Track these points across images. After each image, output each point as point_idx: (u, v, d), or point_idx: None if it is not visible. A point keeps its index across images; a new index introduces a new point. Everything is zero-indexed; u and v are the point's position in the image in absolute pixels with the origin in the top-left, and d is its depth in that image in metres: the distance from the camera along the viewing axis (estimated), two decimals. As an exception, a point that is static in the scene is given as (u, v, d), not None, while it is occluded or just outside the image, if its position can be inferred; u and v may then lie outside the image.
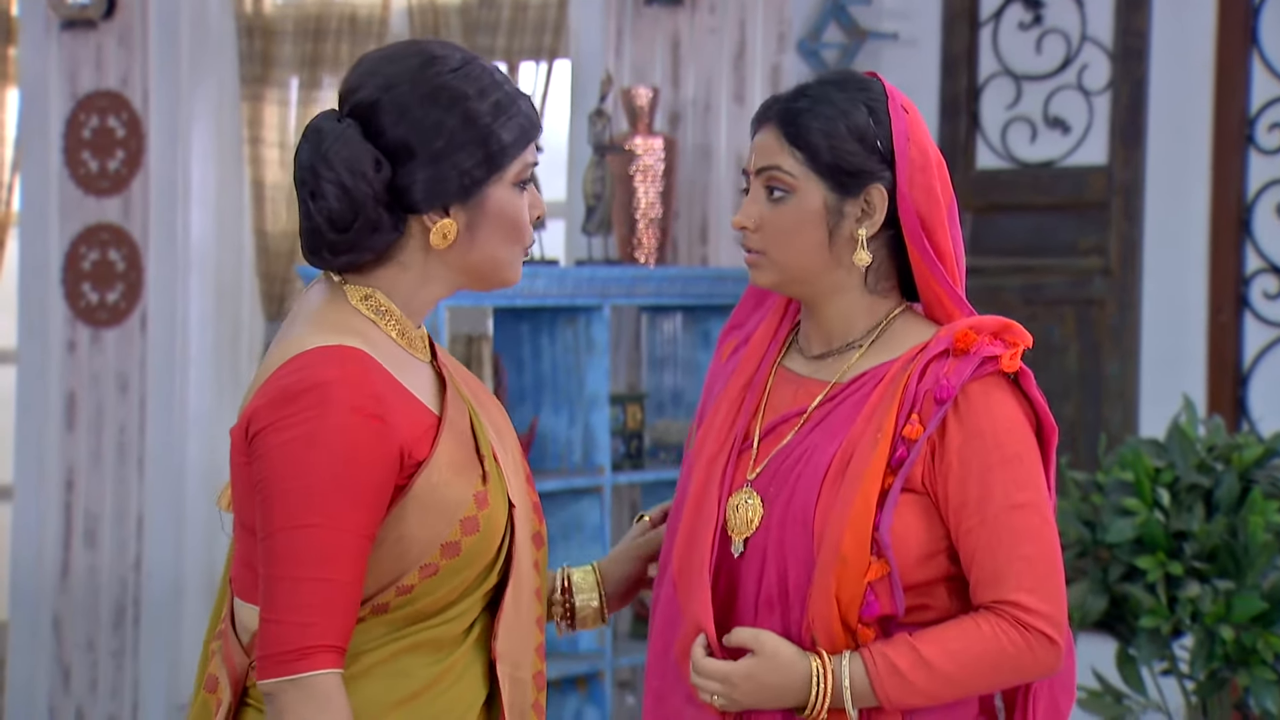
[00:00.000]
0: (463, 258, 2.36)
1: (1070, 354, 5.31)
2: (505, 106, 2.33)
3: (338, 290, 2.37)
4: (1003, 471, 2.43)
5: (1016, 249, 5.36)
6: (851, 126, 2.50)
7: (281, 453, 2.23)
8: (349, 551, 2.24)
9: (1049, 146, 5.35)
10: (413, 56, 2.35)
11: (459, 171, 2.31)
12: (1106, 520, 4.36)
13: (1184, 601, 4.28)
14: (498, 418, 2.46)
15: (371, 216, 2.31)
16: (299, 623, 2.22)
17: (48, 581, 6.19)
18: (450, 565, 2.31)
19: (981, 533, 2.42)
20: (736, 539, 2.51)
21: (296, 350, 2.28)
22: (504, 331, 5.11)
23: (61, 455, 6.20)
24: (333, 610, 2.23)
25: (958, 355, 2.45)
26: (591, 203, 5.18)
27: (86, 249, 6.16)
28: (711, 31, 5.51)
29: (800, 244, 2.51)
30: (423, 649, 2.33)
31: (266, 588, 2.24)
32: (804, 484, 2.48)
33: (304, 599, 2.22)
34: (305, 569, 2.22)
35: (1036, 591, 2.42)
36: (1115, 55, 5.27)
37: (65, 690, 6.19)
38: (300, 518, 2.22)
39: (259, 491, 2.26)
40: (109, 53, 6.15)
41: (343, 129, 2.32)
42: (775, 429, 2.55)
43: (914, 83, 5.36)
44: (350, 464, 2.23)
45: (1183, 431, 4.41)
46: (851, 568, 2.40)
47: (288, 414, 2.23)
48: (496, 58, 5.62)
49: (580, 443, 5.03)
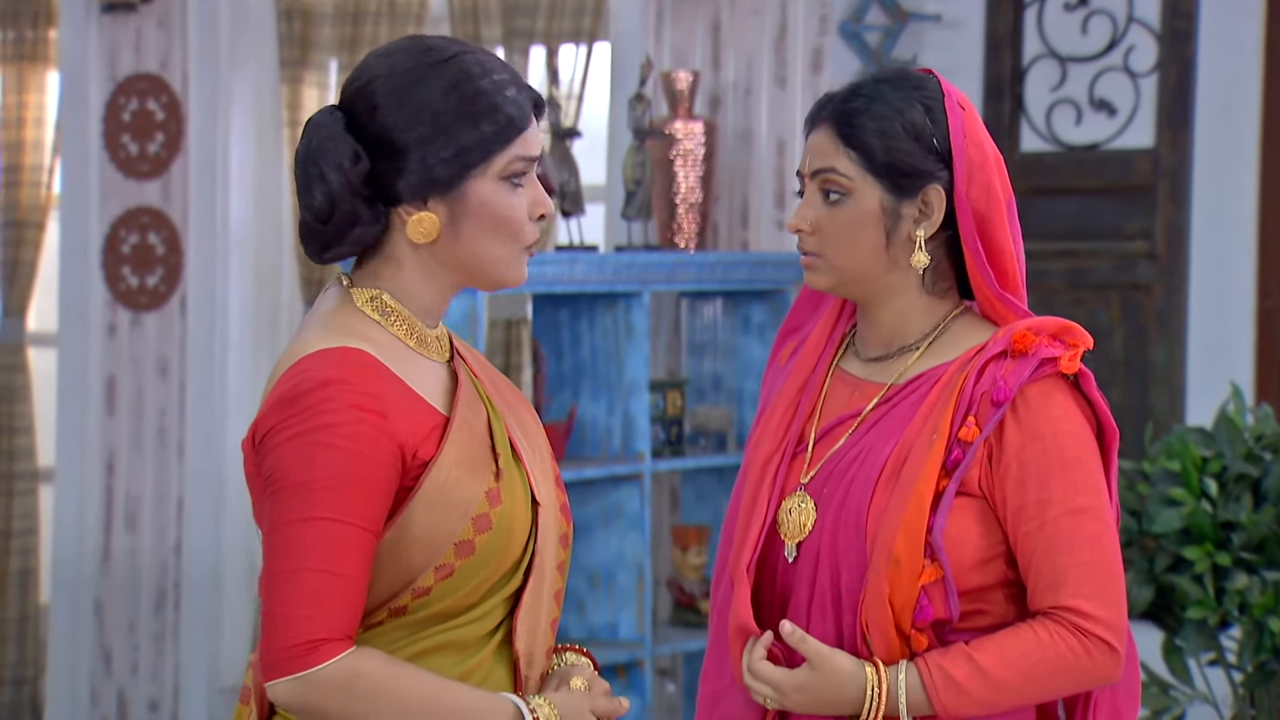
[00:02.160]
0: (450, 254, 2.34)
1: (1116, 340, 5.25)
2: (488, 96, 2.29)
3: (345, 294, 2.36)
4: (1062, 475, 2.39)
5: (1061, 233, 5.31)
6: (908, 126, 2.46)
7: (285, 451, 2.23)
8: (353, 545, 2.22)
9: (1094, 129, 5.29)
10: (405, 50, 2.33)
11: (436, 162, 2.29)
12: (1153, 510, 4.31)
13: (1231, 593, 4.23)
14: (526, 419, 2.44)
15: (348, 209, 2.30)
16: (305, 615, 2.20)
17: (89, 565, 6.19)
18: (466, 565, 2.29)
19: (1040, 537, 2.39)
20: (790, 543, 2.48)
21: (301, 355, 2.29)
22: (543, 318, 5.08)
23: (102, 439, 6.19)
24: (340, 603, 2.21)
25: (1016, 356, 2.42)
26: (631, 188, 5.14)
27: (126, 232, 6.16)
28: (753, 14, 5.46)
29: (857, 246, 2.47)
30: (446, 650, 2.31)
31: (268, 584, 2.22)
32: (858, 486, 2.44)
33: (309, 591, 2.20)
34: (311, 561, 2.20)
35: (1096, 598, 2.38)
36: (1162, 36, 5.20)
37: (107, 674, 6.19)
38: (305, 511, 2.21)
39: (267, 490, 2.25)
40: (148, 36, 6.13)
41: (328, 122, 2.31)
42: (831, 431, 2.52)
43: (957, 65, 5.31)
44: (353, 459, 2.22)
45: (1230, 420, 4.36)
46: (905, 571, 2.37)
47: (291, 414, 2.23)
48: (536, 41, 5.58)
49: (620, 429, 5.00)
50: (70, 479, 6.22)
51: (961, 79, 5.30)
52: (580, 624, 5.05)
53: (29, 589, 6.41)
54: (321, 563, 2.20)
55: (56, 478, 6.29)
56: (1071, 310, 5.25)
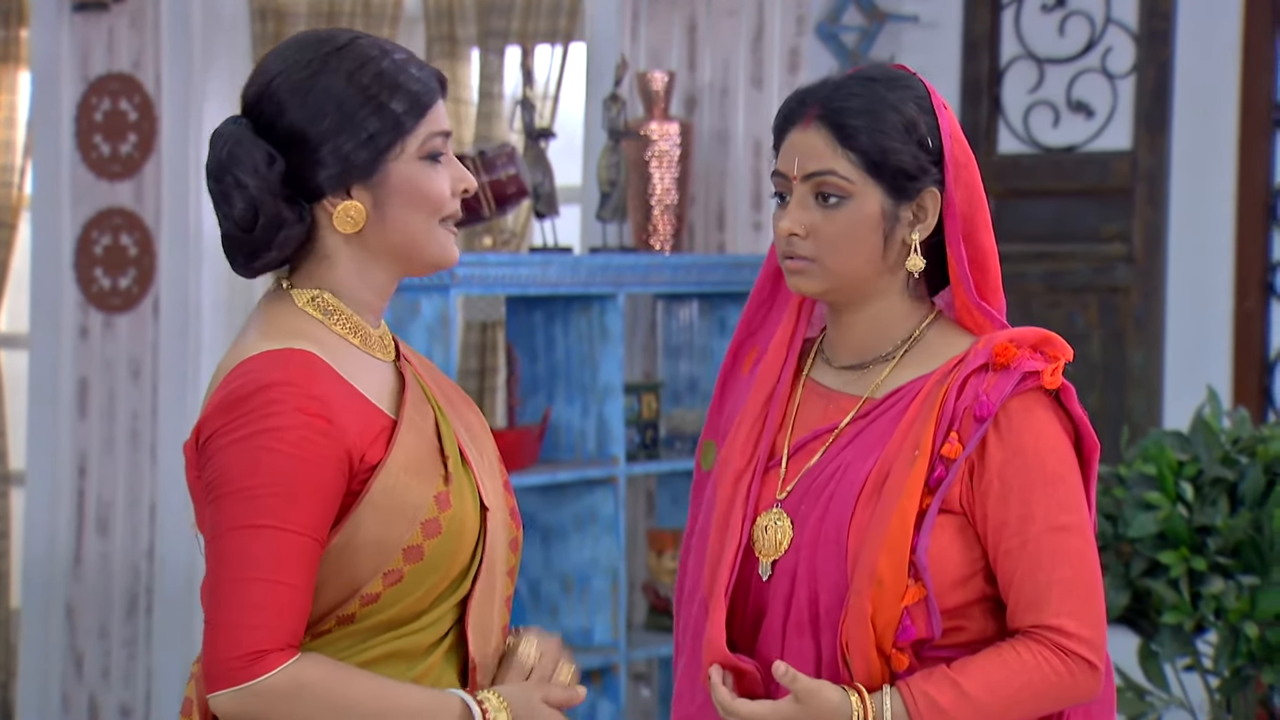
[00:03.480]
0: (380, 241, 2.31)
1: (1093, 342, 5.23)
2: (391, 76, 2.28)
3: (285, 295, 2.32)
4: (1045, 492, 2.36)
5: (1039, 235, 5.28)
6: (907, 126, 2.41)
7: (228, 455, 2.18)
8: (299, 554, 2.18)
9: (1072, 131, 5.26)
10: (297, 45, 2.31)
11: (351, 149, 2.27)
12: (1128, 514, 4.28)
13: (1207, 597, 4.20)
14: (472, 420, 2.41)
15: (273, 213, 2.27)
16: (249, 624, 2.16)
17: (60, 569, 6.15)
18: (415, 571, 2.25)
19: (1022, 555, 2.35)
20: (764, 561, 2.43)
21: (243, 357, 2.25)
22: (517, 320, 5.05)
23: (73, 442, 6.15)
24: (283, 613, 2.17)
25: (998, 370, 2.38)
26: (606, 189, 5.10)
27: (98, 233, 6.11)
28: (729, 14, 5.43)
29: (855, 251, 2.41)
30: (394, 659, 2.28)
31: (211, 593, 2.18)
32: (837, 503, 2.39)
33: (253, 600, 2.16)
34: (254, 570, 2.16)
35: (1078, 616, 2.35)
36: (1140, 38, 5.18)
37: (78, 679, 6.15)
38: (248, 518, 2.17)
39: (208, 496, 2.21)
40: (121, 35, 6.09)
41: (235, 130, 2.29)
42: (805, 446, 2.46)
43: (935, 66, 5.27)
44: (298, 464, 2.18)
45: (1206, 424, 4.33)
46: (888, 591, 2.33)
47: (234, 418, 2.19)
48: (511, 41, 5.55)
49: (594, 433, 4.97)
50: (41, 482, 6.17)
51: (939, 80, 5.23)
52: (553, 628, 5.01)
53: (0, 593, 6.36)
54: (265, 572, 2.16)
55: (27, 481, 6.24)
56: (1049, 313, 5.23)
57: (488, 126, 5.54)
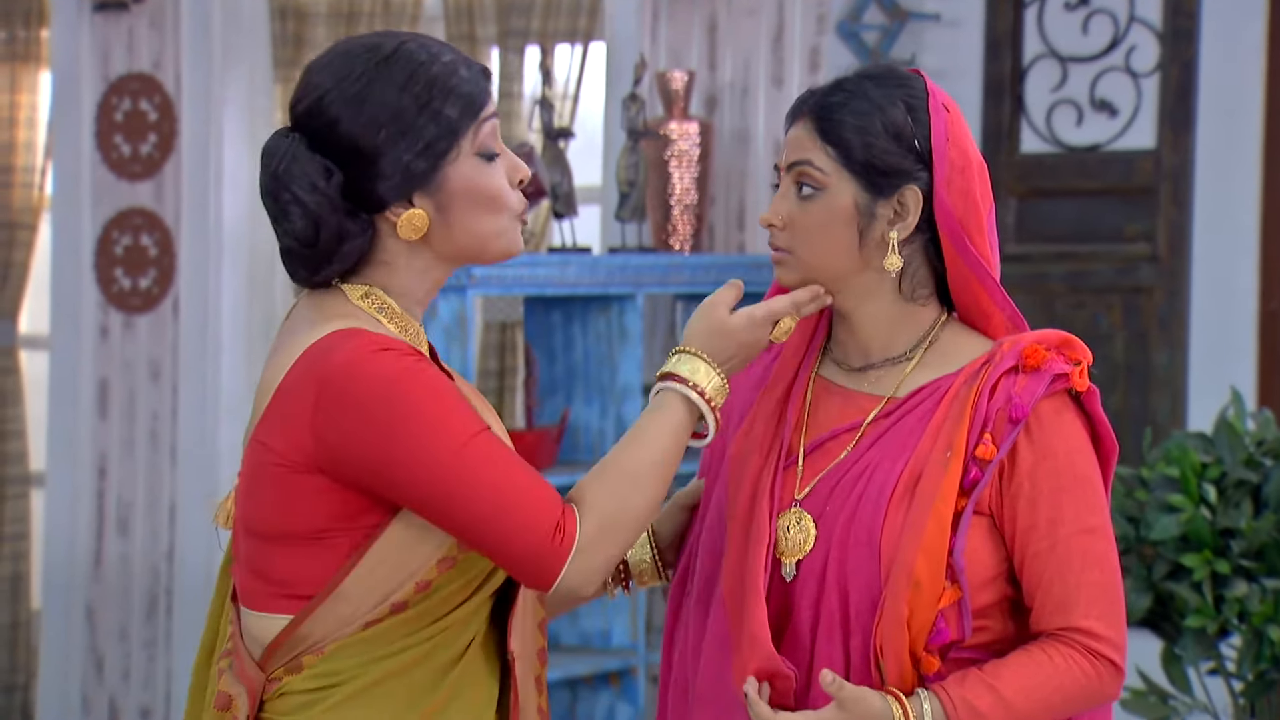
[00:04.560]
0: (447, 243, 2.31)
1: (1117, 343, 5.19)
2: (443, 81, 2.26)
3: (335, 292, 2.31)
4: (1073, 494, 2.35)
5: (1062, 235, 5.25)
6: (888, 124, 2.39)
7: (386, 410, 2.19)
8: (499, 442, 2.23)
9: (1095, 130, 5.23)
10: (345, 55, 2.29)
11: (410, 158, 2.25)
12: (1151, 517, 4.25)
13: (1231, 601, 4.17)
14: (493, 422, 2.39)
15: (335, 226, 2.26)
16: (530, 505, 2.20)
17: (80, 570, 6.14)
18: (467, 557, 2.26)
19: (1050, 557, 2.34)
20: (788, 562, 2.39)
21: (309, 343, 2.24)
22: (535, 321, 5.03)
23: (94, 443, 6.14)
24: (538, 478, 2.23)
25: (1028, 372, 2.36)
26: (625, 189, 5.08)
27: (119, 234, 6.10)
28: (749, 13, 5.41)
29: (828, 244, 2.40)
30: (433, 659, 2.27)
31: (483, 506, 2.19)
32: (866, 504, 2.37)
33: (524, 479, 2.21)
34: (498, 465, 2.20)
35: (1105, 618, 2.35)
36: (1164, 36, 5.14)
37: (98, 680, 6.14)
38: (463, 432, 2.20)
39: (381, 449, 2.19)
40: (141, 35, 6.08)
41: (289, 145, 2.27)
42: (823, 445, 2.43)
43: (957, 65, 5.24)
44: (435, 381, 2.22)
45: (1230, 426, 4.30)
46: (925, 594, 2.31)
47: (355, 387, 2.19)
48: (531, 41, 5.53)
49: (613, 434, 4.94)
50: (62, 483, 6.17)
51: (961, 79, 5.24)
52: (573, 631, 4.99)
53: (20, 594, 6.36)
54: (509, 456, 2.21)
55: (48, 482, 6.23)
56: (1072, 313, 5.20)
57: (507, 126, 5.52)
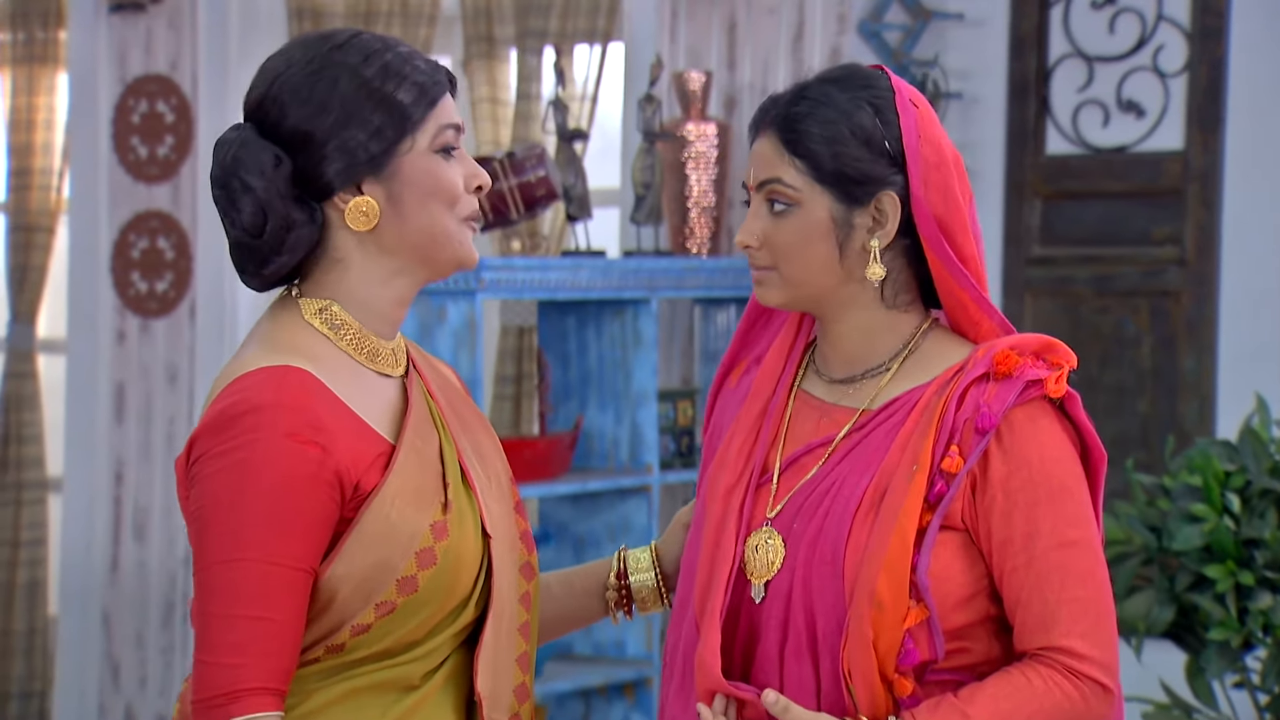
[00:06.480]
0: (398, 237, 2.22)
1: (1144, 348, 5.10)
2: (396, 68, 2.20)
3: (292, 305, 2.23)
4: (1051, 506, 2.24)
5: (1088, 238, 5.16)
6: (856, 129, 2.30)
7: (214, 482, 2.10)
8: (286, 587, 2.09)
9: (1122, 131, 5.13)
10: (299, 44, 2.24)
11: (360, 142, 2.19)
12: (1173, 527, 4.15)
13: (1255, 613, 4.07)
14: (484, 442, 2.31)
15: (283, 214, 2.18)
16: (231, 664, 2.08)
17: (97, 576, 6.10)
18: (409, 603, 2.16)
19: (1028, 573, 2.24)
20: (756, 583, 2.31)
21: (241, 372, 2.16)
22: (549, 325, 4.96)
23: (111, 447, 6.10)
24: (269, 650, 2.08)
25: (999, 379, 2.26)
26: (640, 191, 5.01)
27: (136, 237, 6.06)
28: (769, 13, 5.33)
29: (808, 260, 2.31)
30: (384, 688, 2.18)
31: (199, 626, 2.10)
32: (832, 521, 2.28)
33: (237, 638, 2.07)
34: (239, 606, 2.08)
35: (1089, 637, 2.24)
36: (1192, 35, 5.05)
37: (115, 687, 6.10)
38: (234, 551, 2.08)
39: (194, 522, 2.12)
40: (158, 36, 6.04)
41: (239, 135, 2.21)
42: (797, 461, 2.35)
43: (981, 65, 5.16)
44: (285, 493, 2.08)
45: (1255, 433, 4.20)
46: (889, 614, 2.21)
47: (222, 440, 2.10)
48: (549, 41, 5.46)
49: (628, 440, 4.87)
50: (78, 488, 6.13)
51: (985, 79, 5.17)
52: (586, 641, 4.93)
53: (37, 601, 6.32)
54: (249, 608, 2.08)
55: (64, 487, 6.19)
56: (1098, 318, 5.12)
57: (525, 128, 5.45)
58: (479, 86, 5.56)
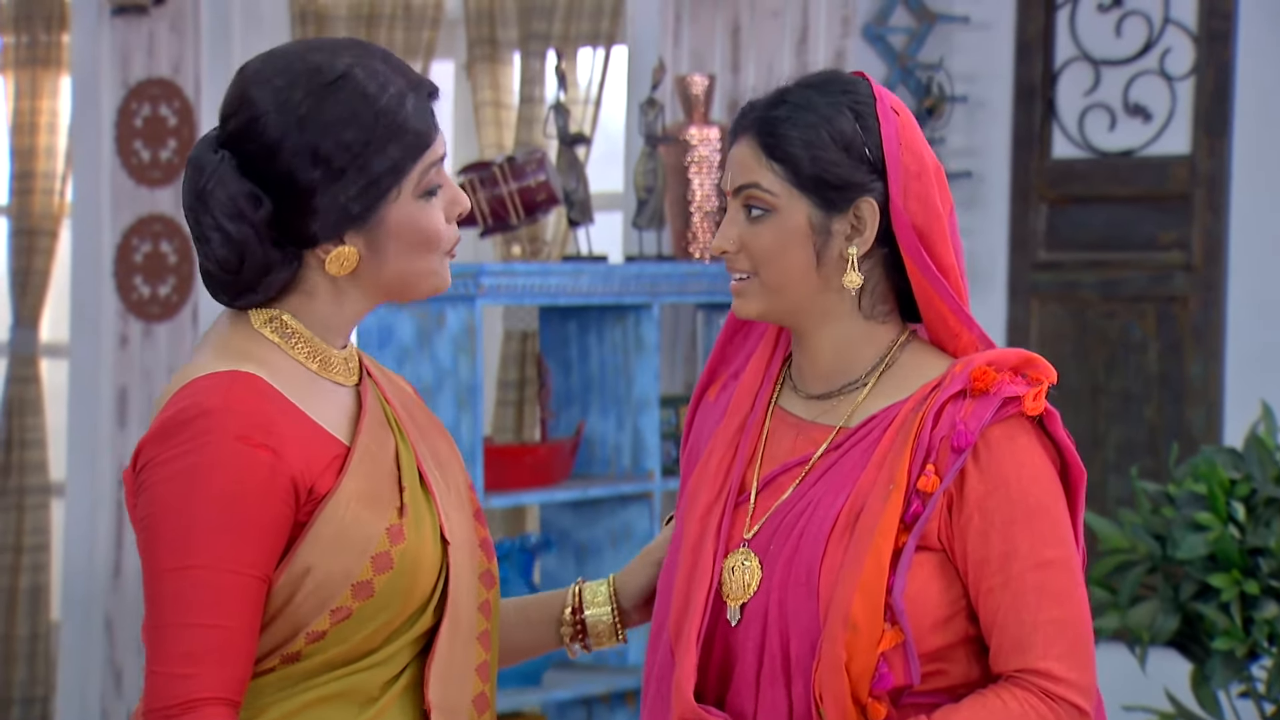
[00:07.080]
0: (374, 279, 2.18)
1: (1150, 354, 5.07)
2: (389, 117, 2.13)
3: (241, 315, 2.18)
4: (1028, 525, 2.19)
5: (1094, 242, 5.13)
6: (836, 134, 2.25)
7: (163, 489, 2.05)
8: (239, 594, 2.05)
9: (1129, 135, 5.11)
10: (288, 73, 2.13)
11: (348, 199, 2.12)
12: (1178, 535, 4.12)
13: (1260, 623, 4.05)
14: (442, 448, 2.27)
15: (261, 258, 2.14)
16: (183, 674, 2.03)
17: (99, 582, 6.07)
18: (364, 608, 2.12)
19: (1004, 593, 2.19)
20: (733, 605, 2.26)
21: (190, 377, 2.11)
22: (550, 331, 4.93)
23: (113, 452, 6.07)
24: (222, 659, 2.04)
25: (976, 396, 2.21)
26: (643, 195, 4.98)
27: (138, 241, 6.03)
28: (773, 16, 5.29)
29: (786, 266, 2.26)
30: (343, 699, 2.14)
31: (149, 636, 2.06)
32: (807, 543, 2.23)
33: (189, 647, 2.03)
34: (191, 615, 2.04)
35: (1066, 659, 2.19)
36: (1199, 39, 5.02)
37: (117, 693, 6.07)
38: (184, 558, 2.04)
39: (143, 531, 2.08)
40: (161, 39, 6.02)
41: (218, 165, 2.13)
42: (774, 481, 2.30)
43: (986, 68, 5.14)
44: (236, 499, 2.04)
45: (1260, 441, 4.17)
46: (863, 636, 2.16)
47: (170, 446, 2.05)
48: (552, 44, 5.43)
49: (629, 446, 4.84)
50: (81, 493, 6.10)
51: (991, 82, 5.14)
52: (588, 648, 4.89)
53: (40, 606, 6.29)
54: (201, 616, 2.04)
55: (67, 492, 6.17)
56: (1104, 323, 5.09)
57: (529, 131, 5.43)
58: (482, 90, 5.54)
